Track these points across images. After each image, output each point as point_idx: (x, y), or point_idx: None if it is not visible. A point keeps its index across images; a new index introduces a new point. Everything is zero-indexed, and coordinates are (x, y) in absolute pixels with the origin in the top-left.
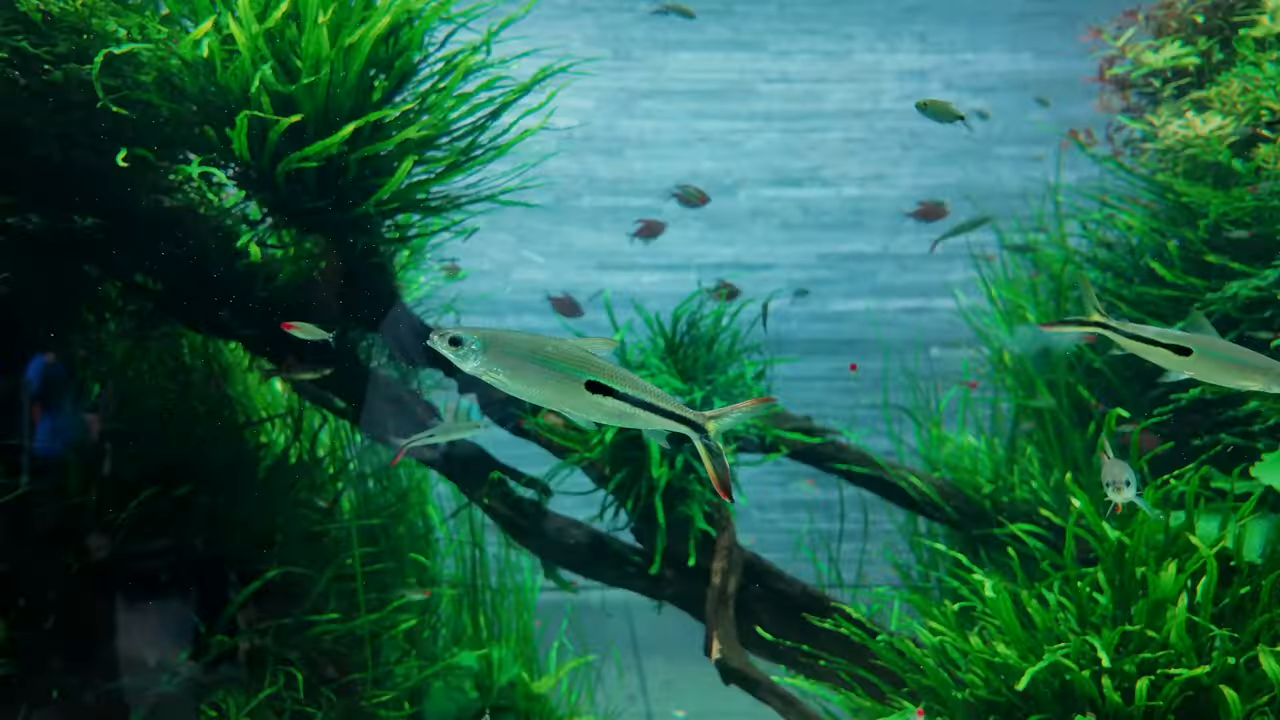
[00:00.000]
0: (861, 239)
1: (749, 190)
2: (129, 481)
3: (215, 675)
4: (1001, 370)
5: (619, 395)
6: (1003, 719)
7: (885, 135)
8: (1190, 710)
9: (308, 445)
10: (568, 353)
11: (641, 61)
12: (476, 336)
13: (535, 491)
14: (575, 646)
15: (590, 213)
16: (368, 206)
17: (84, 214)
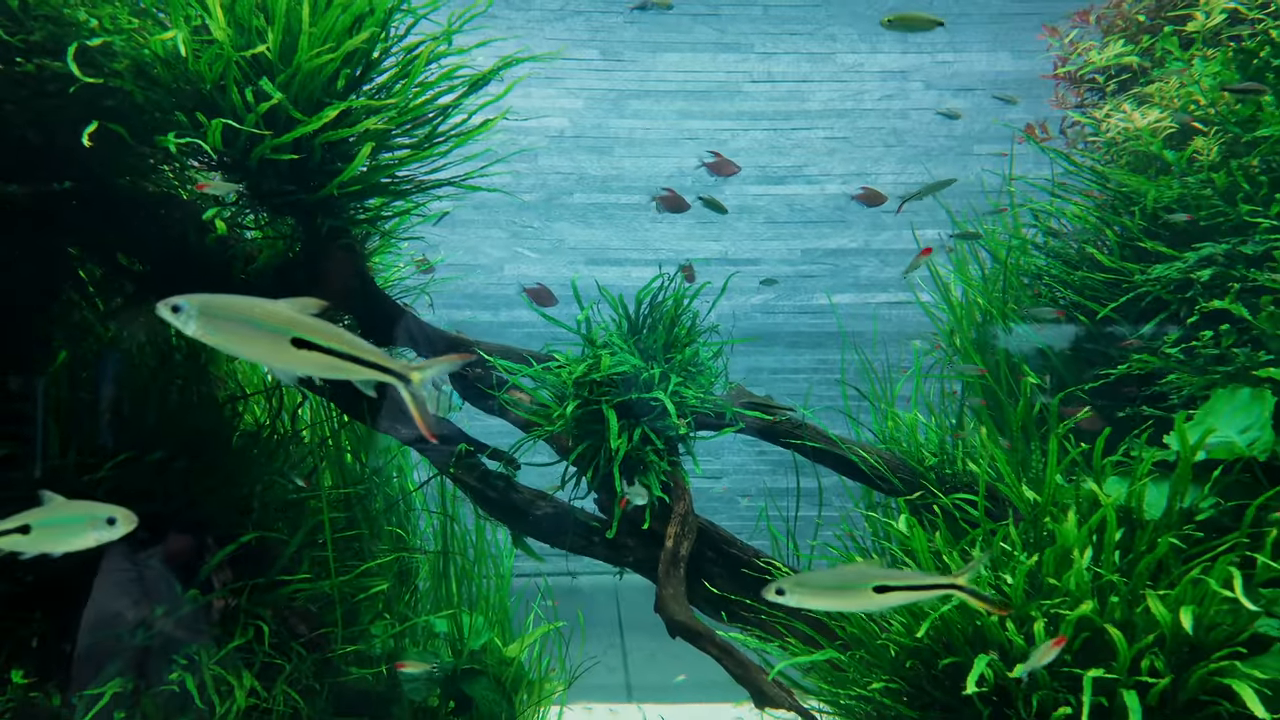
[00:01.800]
0: (845, 235)
1: (735, 188)
2: (108, 447)
3: (188, 630)
4: (951, 351)
5: (322, 349)
6: (921, 663)
7: (868, 134)
8: (1088, 652)
9: (288, 422)
10: (275, 313)
11: (631, 63)
12: (193, 303)
13: (503, 464)
14: (560, 624)
15: (581, 209)
16: (331, 188)
17: (64, 195)
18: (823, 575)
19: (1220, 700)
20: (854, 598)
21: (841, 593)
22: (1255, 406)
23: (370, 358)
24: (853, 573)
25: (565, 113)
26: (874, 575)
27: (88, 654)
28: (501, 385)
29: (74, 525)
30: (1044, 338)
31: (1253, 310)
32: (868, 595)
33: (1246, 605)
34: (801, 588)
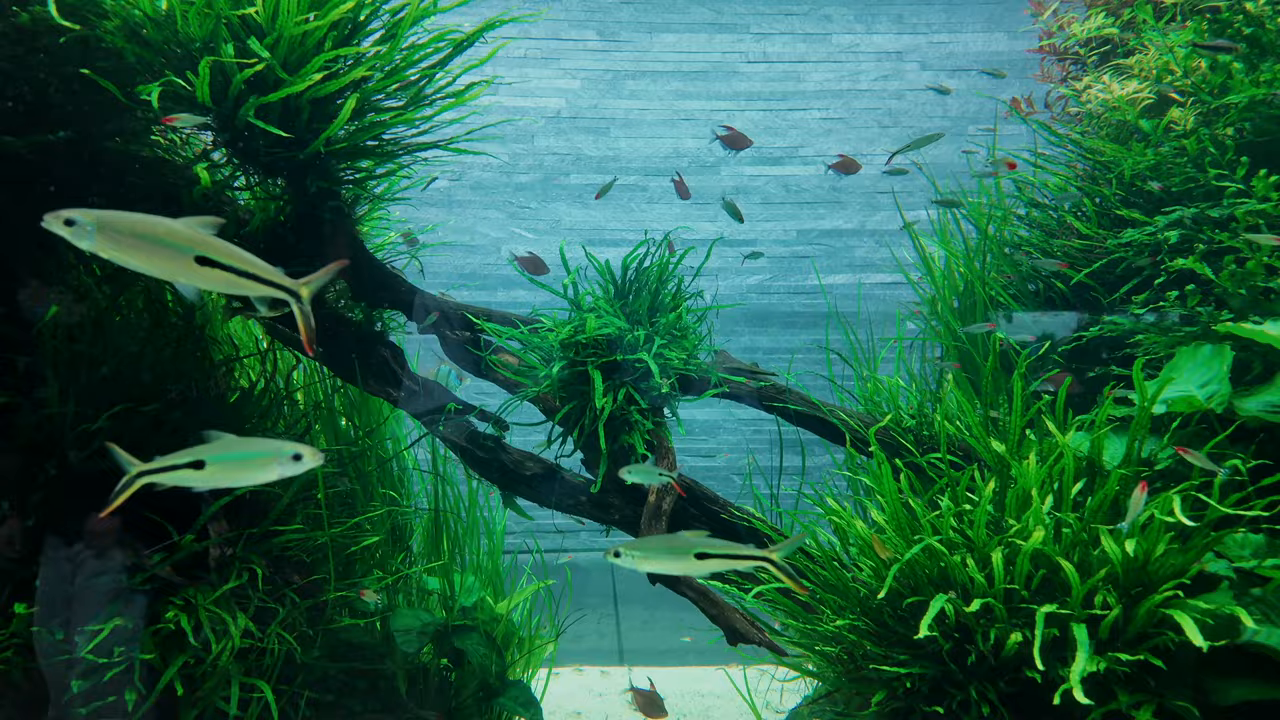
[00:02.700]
0: (840, 216)
1: (731, 168)
2: (104, 399)
3: (184, 576)
4: (932, 317)
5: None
6: (887, 603)
7: (862, 114)
8: (1044, 591)
9: (281, 384)
10: (178, 231)
11: (627, 44)
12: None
13: (491, 425)
14: (550, 581)
15: (578, 190)
16: (317, 145)
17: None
18: (654, 540)
19: (1166, 632)
20: (679, 562)
21: (669, 557)
22: (1215, 362)
23: (265, 275)
24: (680, 541)
25: (562, 93)
26: (697, 544)
27: (86, 593)
28: (489, 349)
29: (257, 460)
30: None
31: (1217, 271)
32: (690, 560)
33: (1185, 523)
34: (635, 550)
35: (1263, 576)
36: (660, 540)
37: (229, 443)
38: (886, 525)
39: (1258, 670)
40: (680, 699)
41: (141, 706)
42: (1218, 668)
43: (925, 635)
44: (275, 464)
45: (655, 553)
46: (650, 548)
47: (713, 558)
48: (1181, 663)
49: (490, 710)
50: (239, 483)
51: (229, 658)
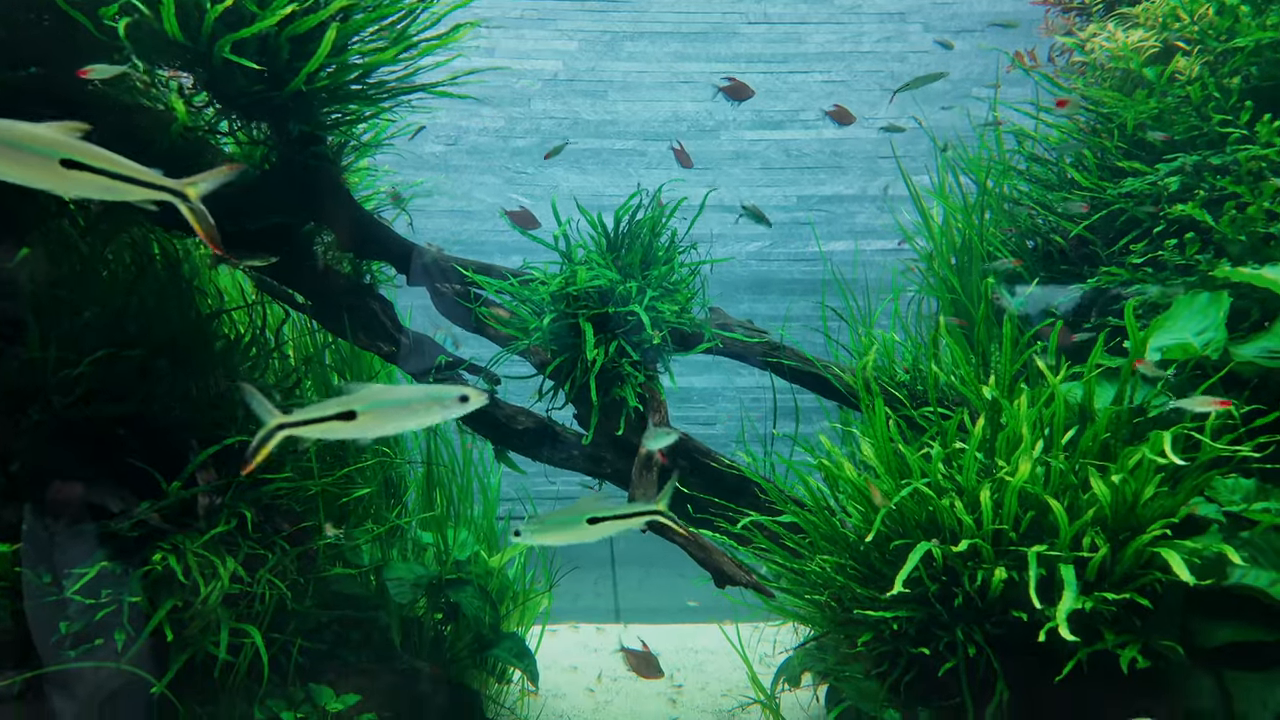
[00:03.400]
0: (841, 181)
1: (730, 132)
2: (88, 347)
3: (172, 524)
4: (929, 273)
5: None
6: (877, 550)
7: (864, 77)
8: (1033, 533)
9: (272, 338)
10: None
11: (625, 4)
12: None
13: (482, 378)
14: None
15: (575, 155)
16: (297, 83)
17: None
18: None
19: (1153, 572)
20: (574, 531)
21: (564, 528)
22: (1212, 309)
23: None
24: (574, 510)
25: (559, 55)
26: (589, 510)
27: (74, 537)
28: (480, 302)
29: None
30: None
31: (1217, 218)
32: (583, 527)
33: (1176, 461)
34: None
35: (1252, 520)
36: (558, 514)
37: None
38: (876, 463)
39: (1243, 612)
40: (675, 654)
41: (131, 648)
42: (1204, 610)
43: (908, 581)
44: (439, 407)
45: (552, 526)
46: (548, 522)
47: (604, 520)
48: (1168, 606)
49: (485, 662)
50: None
51: (217, 600)
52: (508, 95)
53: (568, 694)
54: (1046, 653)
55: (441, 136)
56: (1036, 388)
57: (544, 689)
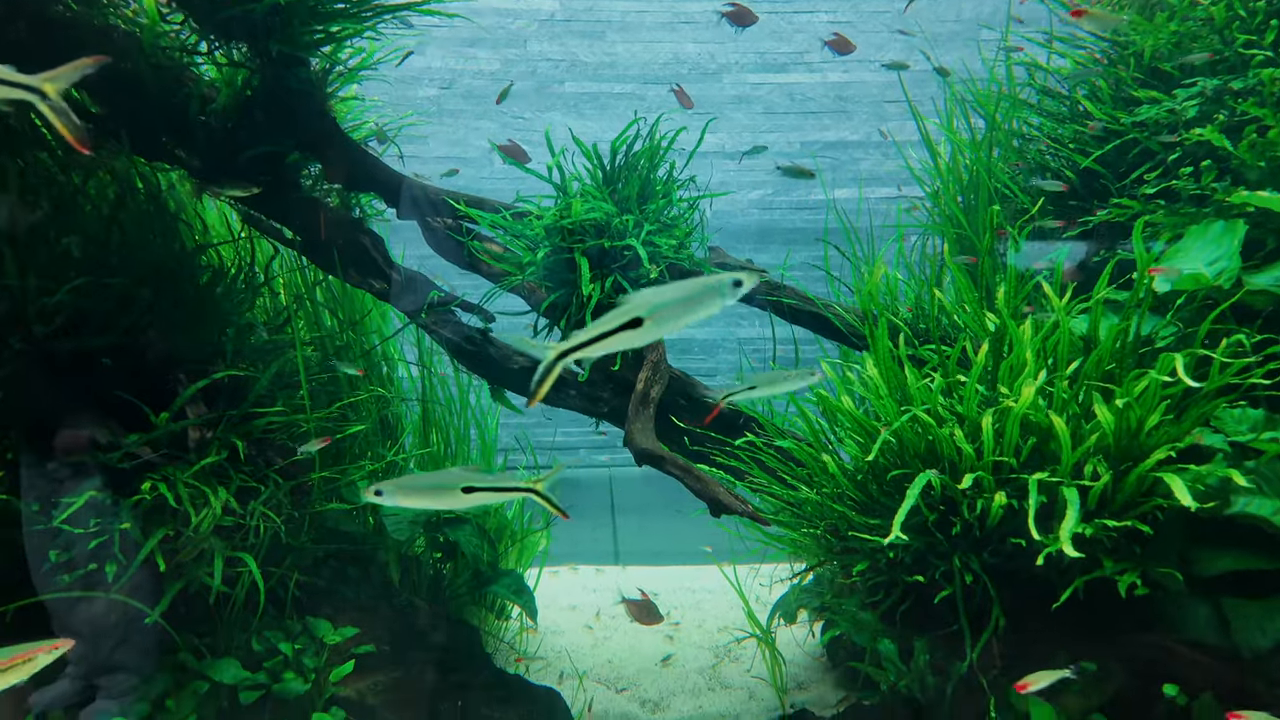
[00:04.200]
0: (845, 126)
1: (733, 76)
2: (67, 275)
3: (162, 455)
4: (935, 212)
5: None
6: (875, 480)
7: (871, 19)
8: (1034, 461)
9: (261, 274)
10: None
11: None
12: None
13: (476, 315)
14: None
15: (573, 99)
16: None
17: None
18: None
19: (1155, 498)
20: (444, 497)
21: (434, 493)
22: (1227, 238)
23: None
24: (447, 477)
25: None
26: (463, 479)
27: (60, 470)
28: (472, 237)
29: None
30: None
31: (1236, 145)
32: (456, 495)
33: (1186, 381)
34: (399, 489)
35: (1258, 450)
36: (427, 477)
37: (651, 294)
38: (878, 382)
39: (1245, 542)
40: (673, 594)
41: (123, 577)
42: (1204, 540)
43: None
44: (717, 295)
45: (420, 489)
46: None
47: (479, 491)
48: (1168, 535)
49: (484, 599)
50: (682, 325)
51: (209, 528)
52: (503, 37)
53: (566, 631)
54: (1043, 582)
55: (435, 80)
56: (1038, 314)
57: (543, 626)
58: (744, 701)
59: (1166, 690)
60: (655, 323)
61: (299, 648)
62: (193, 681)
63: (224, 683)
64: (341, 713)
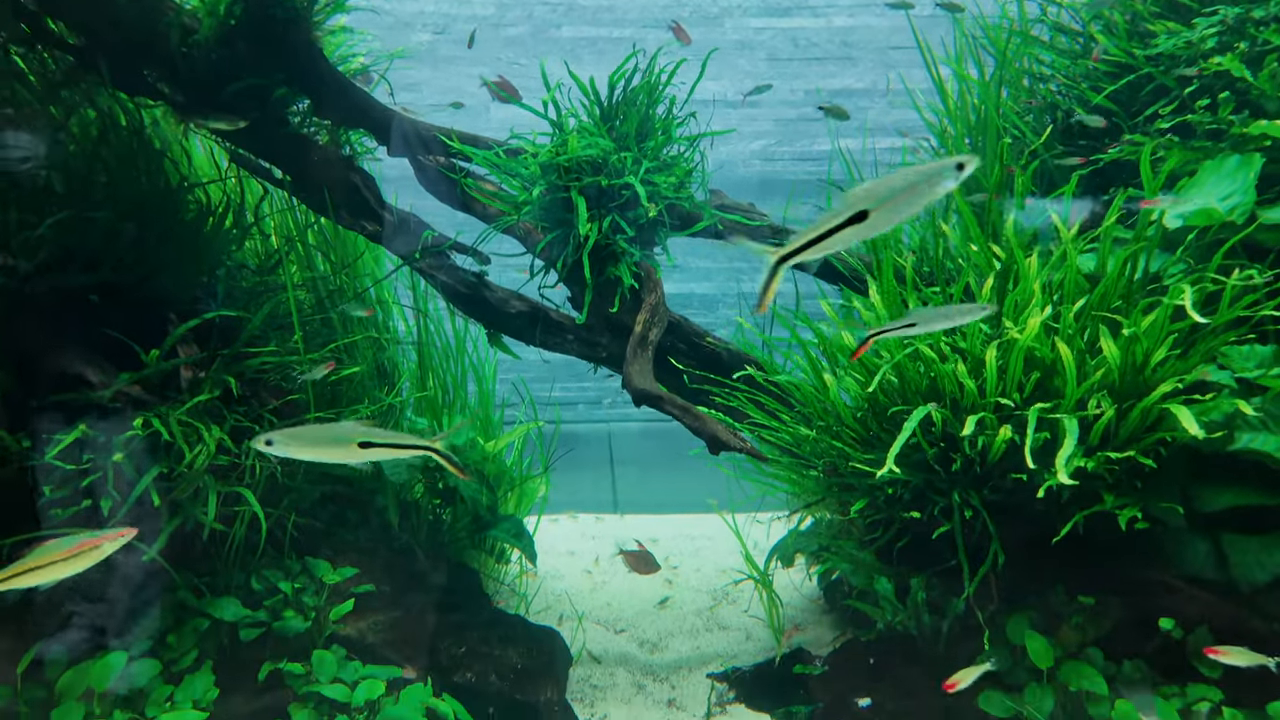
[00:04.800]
0: (851, 74)
1: (735, 20)
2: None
3: (155, 394)
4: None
5: None
6: (875, 417)
7: None
8: (1039, 396)
9: (250, 215)
10: None
11: None
12: None
13: (471, 257)
14: (540, 423)
15: (570, 44)
16: None
17: None
18: (312, 429)
19: (1159, 432)
20: (339, 450)
21: (328, 445)
22: (1242, 172)
23: None
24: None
25: None
26: (360, 433)
27: (51, 408)
28: (465, 175)
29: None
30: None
31: (1256, 76)
32: (352, 449)
33: (1194, 317)
34: (291, 439)
35: (1263, 387)
36: (320, 429)
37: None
38: (881, 309)
39: (1247, 478)
40: (672, 541)
41: (118, 511)
42: (1207, 477)
43: (905, 448)
44: (940, 180)
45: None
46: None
47: (376, 446)
48: (1169, 472)
49: (483, 543)
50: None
51: (204, 465)
52: None
53: (566, 575)
54: (1043, 519)
55: (429, 24)
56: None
57: (543, 571)
58: (741, 642)
59: (1162, 624)
60: (881, 214)
61: (298, 587)
62: (192, 619)
63: (224, 620)
64: (342, 650)
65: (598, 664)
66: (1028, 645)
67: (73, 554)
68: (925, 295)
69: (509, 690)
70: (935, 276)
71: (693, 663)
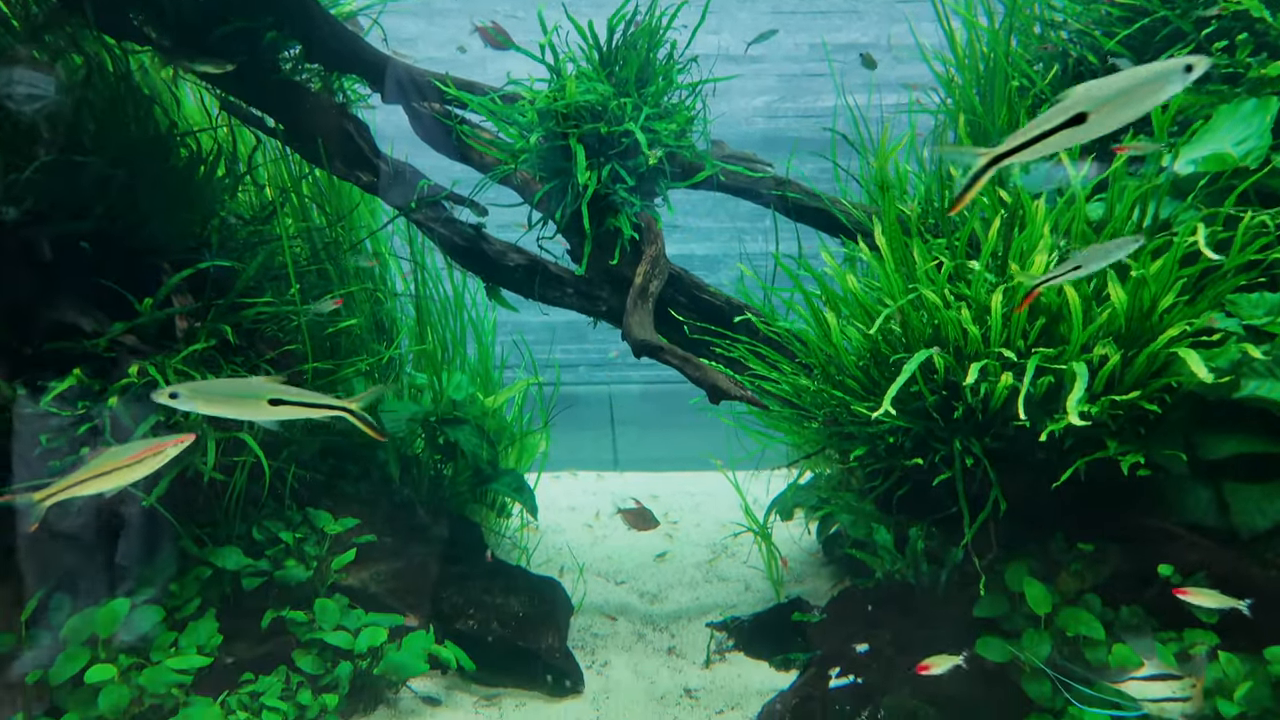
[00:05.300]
0: (856, 28)
1: None
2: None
3: (150, 344)
4: (945, 107)
5: None
6: (876, 364)
7: None
8: (1044, 343)
9: (243, 165)
10: None
11: None
12: None
13: (468, 207)
14: (539, 379)
15: None
16: None
17: None
18: (221, 384)
19: (1165, 377)
20: (248, 406)
21: (237, 401)
22: (1257, 116)
23: None
24: (251, 385)
25: None
26: (270, 390)
27: (45, 358)
28: (460, 122)
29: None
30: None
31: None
32: (261, 406)
33: (1207, 254)
34: (197, 393)
35: (1272, 333)
36: (230, 383)
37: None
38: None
39: (1251, 425)
40: (672, 497)
41: None
42: (1210, 425)
43: (905, 395)
44: (1167, 80)
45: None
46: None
47: (287, 405)
48: (1173, 420)
49: (484, 497)
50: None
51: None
52: None
53: (567, 530)
54: (1044, 467)
55: None
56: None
57: (543, 526)
58: (740, 593)
59: (1161, 571)
60: (1101, 116)
61: (300, 537)
62: (195, 568)
63: (226, 569)
64: (345, 599)
65: (599, 614)
66: (1026, 592)
67: (136, 459)
68: (932, 246)
69: (511, 637)
70: (941, 228)
71: (692, 613)
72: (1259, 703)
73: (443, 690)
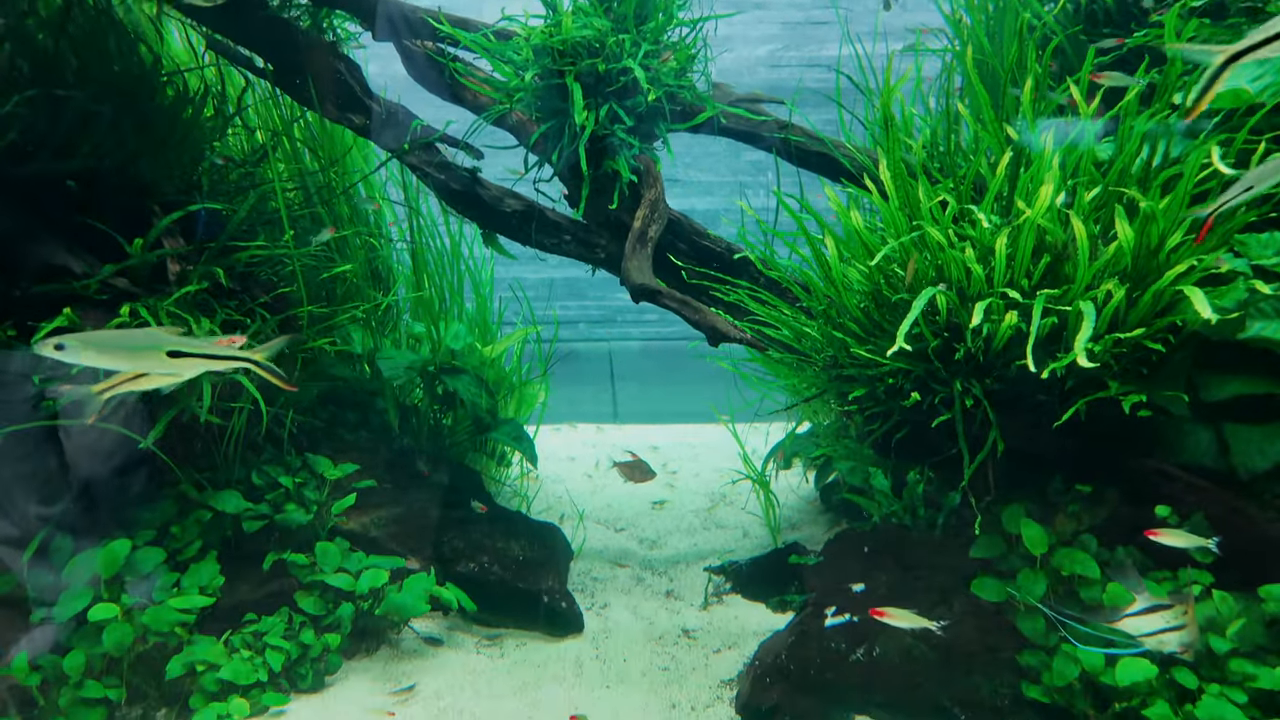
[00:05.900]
0: None
1: None
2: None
3: (142, 286)
4: (956, 40)
5: None
6: (879, 306)
7: None
8: (1048, 283)
9: (231, 107)
10: None
11: None
12: None
13: (462, 149)
14: (537, 328)
15: None
16: None
17: None
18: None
19: (1170, 317)
20: (143, 359)
21: (131, 353)
22: None
23: None
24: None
25: None
26: (169, 341)
27: (35, 299)
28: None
29: None
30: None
31: None
32: (158, 357)
33: (1223, 170)
34: (86, 345)
35: (1279, 275)
36: (124, 334)
37: None
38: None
39: (1254, 366)
40: (672, 448)
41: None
42: (1213, 366)
43: (907, 338)
44: None
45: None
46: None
47: (186, 356)
48: (1176, 361)
49: (484, 445)
50: None
51: None
52: None
53: (566, 479)
54: (1044, 409)
55: None
56: None
57: (543, 475)
58: (738, 539)
59: (1158, 512)
60: None
61: (299, 481)
62: (195, 511)
63: (226, 512)
64: (345, 543)
65: (599, 559)
66: (1023, 532)
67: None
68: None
69: (511, 579)
70: (947, 168)
71: (690, 558)
72: (1251, 639)
73: (444, 631)
